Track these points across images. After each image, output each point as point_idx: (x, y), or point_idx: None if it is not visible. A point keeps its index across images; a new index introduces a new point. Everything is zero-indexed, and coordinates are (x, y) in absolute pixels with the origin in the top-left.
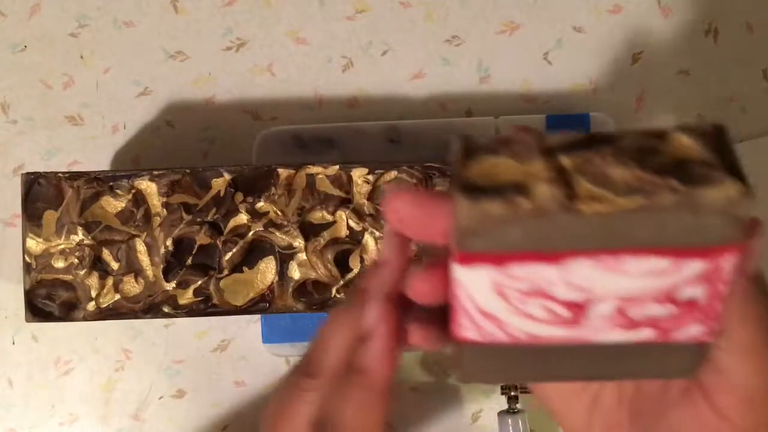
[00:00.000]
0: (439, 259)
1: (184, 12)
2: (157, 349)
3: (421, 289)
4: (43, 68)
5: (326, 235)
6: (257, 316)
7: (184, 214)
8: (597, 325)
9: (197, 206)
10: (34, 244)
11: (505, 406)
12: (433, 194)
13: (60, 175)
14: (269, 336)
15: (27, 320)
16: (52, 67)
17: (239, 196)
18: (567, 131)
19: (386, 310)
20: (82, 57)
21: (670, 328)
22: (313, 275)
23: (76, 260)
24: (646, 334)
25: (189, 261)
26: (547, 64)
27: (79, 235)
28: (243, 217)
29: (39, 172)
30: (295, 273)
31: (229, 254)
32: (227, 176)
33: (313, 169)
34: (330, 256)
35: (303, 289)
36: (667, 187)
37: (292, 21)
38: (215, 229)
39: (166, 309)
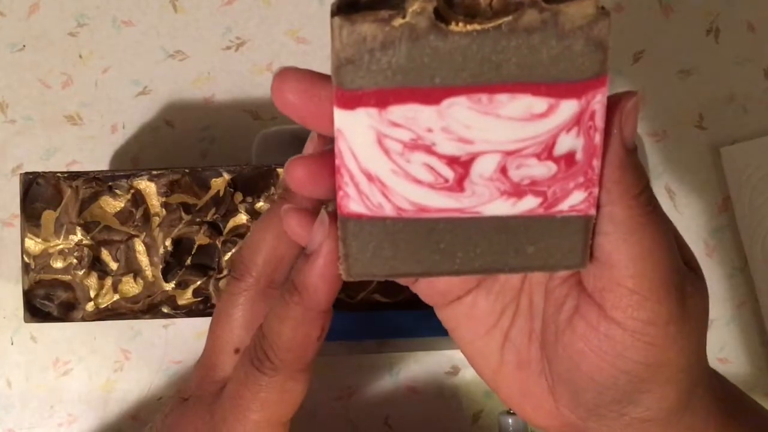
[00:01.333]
0: (322, 148)
1: (183, 11)
2: (156, 350)
3: (300, 174)
4: (41, 68)
5: None
6: None
7: (183, 214)
8: (480, 192)
9: (196, 206)
10: (33, 244)
11: (506, 407)
12: (318, 74)
13: (59, 174)
14: None
15: (26, 320)
16: (51, 66)
17: (239, 196)
18: None
19: (331, 228)
20: (80, 56)
21: (553, 196)
22: None
23: (75, 260)
24: (530, 203)
25: (188, 261)
26: None
27: (78, 235)
28: (242, 217)
29: (37, 172)
30: None
31: (229, 254)
32: (227, 176)
33: None
34: None
35: None
36: (531, 3)
37: (292, 20)
38: (215, 229)
39: (165, 309)
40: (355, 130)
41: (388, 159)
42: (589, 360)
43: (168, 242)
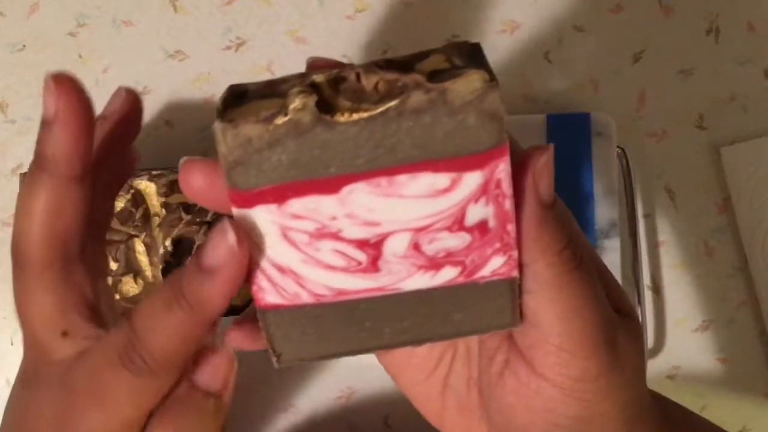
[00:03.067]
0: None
1: (183, 11)
2: None
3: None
4: (41, 67)
5: None
6: None
7: (183, 214)
8: (397, 270)
9: (196, 206)
10: None
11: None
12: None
13: None
14: None
15: None
16: (51, 66)
17: None
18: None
19: (240, 247)
20: (80, 56)
21: (472, 264)
22: None
23: None
24: (449, 273)
25: (188, 261)
26: (547, 64)
27: None
28: None
29: None
30: None
31: None
32: None
33: None
34: None
35: None
36: (416, 85)
37: (291, 20)
38: None
39: None
40: (258, 226)
41: (296, 250)
42: (520, 414)
43: (168, 242)
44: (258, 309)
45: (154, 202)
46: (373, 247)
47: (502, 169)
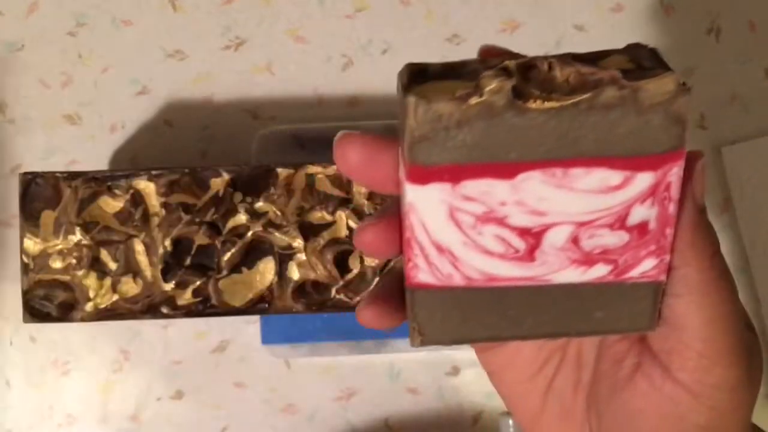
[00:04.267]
0: (389, 208)
1: (182, 11)
2: (155, 351)
3: (369, 239)
4: (41, 67)
5: (326, 236)
6: (256, 317)
7: (182, 214)
8: (551, 261)
9: (196, 206)
10: (32, 245)
11: (506, 408)
12: (380, 138)
13: (58, 174)
14: (268, 337)
15: (25, 321)
16: (50, 66)
17: (238, 196)
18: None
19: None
20: (80, 56)
21: (624, 263)
22: (312, 276)
23: (74, 260)
24: (600, 270)
25: (188, 261)
26: None
27: (77, 236)
28: (242, 218)
29: (37, 172)
30: (294, 273)
31: (228, 255)
32: (226, 176)
33: (313, 169)
34: (329, 256)
35: (302, 289)
36: (612, 80)
37: (291, 19)
38: (214, 229)
39: (164, 310)
40: (427, 204)
41: (459, 231)
42: (648, 420)
43: (167, 242)
44: (408, 287)
45: (154, 201)
46: (534, 237)
47: (675, 173)
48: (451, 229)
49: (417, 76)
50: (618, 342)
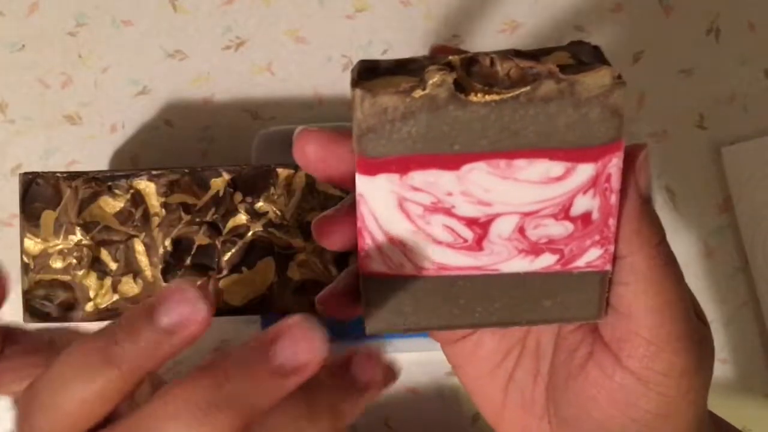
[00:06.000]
0: (348, 202)
1: (182, 11)
2: None
3: (326, 229)
4: (41, 67)
5: None
6: (256, 317)
7: (183, 214)
8: (498, 251)
9: (196, 206)
10: (32, 245)
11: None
12: (337, 133)
13: (58, 174)
14: None
15: (25, 321)
16: (50, 66)
17: (238, 196)
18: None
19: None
20: (80, 56)
21: (570, 253)
22: (312, 276)
23: (75, 260)
24: (547, 260)
25: (188, 261)
26: None
27: (78, 236)
28: (242, 217)
29: (37, 172)
30: (294, 273)
31: (228, 254)
32: (226, 176)
33: None
34: (330, 256)
35: (302, 289)
36: (549, 74)
37: (291, 20)
38: (214, 229)
39: None
40: (377, 194)
41: (408, 221)
42: (600, 407)
43: (167, 242)
44: (361, 276)
45: (154, 201)
46: (481, 227)
47: (615, 164)
48: (401, 219)
49: (368, 72)
50: (573, 332)
